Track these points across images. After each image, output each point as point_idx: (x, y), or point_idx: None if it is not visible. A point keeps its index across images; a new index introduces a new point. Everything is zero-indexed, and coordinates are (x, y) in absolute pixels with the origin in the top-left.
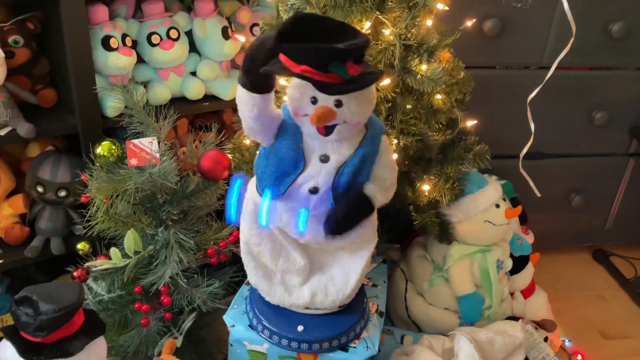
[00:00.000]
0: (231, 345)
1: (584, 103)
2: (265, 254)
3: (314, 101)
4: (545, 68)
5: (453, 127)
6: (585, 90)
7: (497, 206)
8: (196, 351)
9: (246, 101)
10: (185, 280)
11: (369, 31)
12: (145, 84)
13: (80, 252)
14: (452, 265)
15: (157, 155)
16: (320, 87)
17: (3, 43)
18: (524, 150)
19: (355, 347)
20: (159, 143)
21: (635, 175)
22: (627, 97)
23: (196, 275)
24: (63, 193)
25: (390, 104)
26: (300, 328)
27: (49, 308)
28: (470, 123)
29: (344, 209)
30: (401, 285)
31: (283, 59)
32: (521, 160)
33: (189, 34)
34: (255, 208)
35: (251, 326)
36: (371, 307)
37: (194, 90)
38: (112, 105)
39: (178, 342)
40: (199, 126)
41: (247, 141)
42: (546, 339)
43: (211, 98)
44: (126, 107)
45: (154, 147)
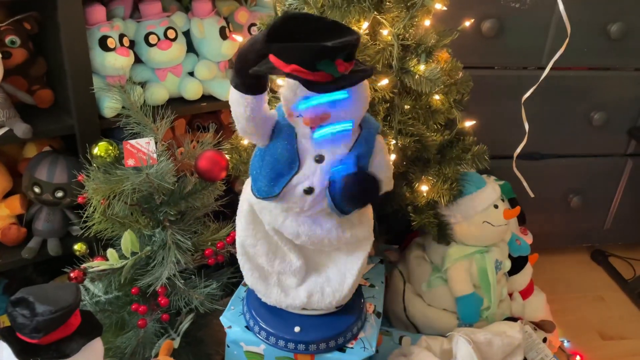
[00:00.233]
0: (228, 346)
1: (583, 103)
2: (261, 255)
3: None
4: (543, 69)
5: (451, 128)
6: (583, 90)
7: (496, 207)
8: (193, 352)
9: (239, 102)
10: (182, 281)
11: (367, 31)
12: (142, 84)
13: (77, 253)
14: (451, 266)
15: (155, 155)
16: (309, 86)
17: (0, 43)
18: (518, 150)
19: (352, 348)
20: (156, 143)
21: (633, 175)
22: (626, 98)
23: (194, 276)
24: (60, 194)
25: (388, 105)
26: (297, 329)
27: (46, 309)
28: (468, 123)
29: (362, 175)
30: (399, 286)
31: (272, 59)
32: (515, 160)
33: (187, 34)
34: (250, 209)
35: (248, 327)
36: (368, 308)
37: (192, 90)
38: (110, 105)
39: (175, 344)
40: (197, 126)
41: (245, 142)
42: (545, 340)
43: (209, 98)
44: (123, 108)
45: (151, 148)
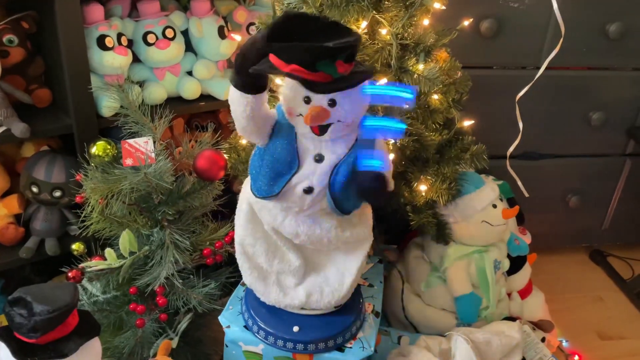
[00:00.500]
0: (226, 346)
1: (581, 103)
2: (260, 255)
3: (308, 101)
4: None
5: (450, 127)
6: (582, 90)
7: (494, 206)
8: (192, 352)
9: (239, 101)
10: (181, 281)
11: (366, 30)
12: (141, 84)
13: (75, 253)
14: (449, 265)
15: (153, 155)
16: (308, 86)
17: None
18: (511, 148)
19: (351, 348)
20: (155, 143)
21: (632, 175)
22: (624, 98)
23: (192, 275)
24: (58, 193)
25: None
26: (295, 328)
27: (43, 309)
28: (467, 123)
29: (375, 174)
30: (398, 286)
31: (272, 59)
32: (509, 159)
33: (185, 34)
34: (249, 208)
35: (246, 327)
36: (367, 308)
37: (190, 89)
38: (108, 105)
39: (174, 343)
40: (195, 126)
41: (244, 141)
42: (543, 340)
43: (207, 98)
44: (122, 107)
45: (150, 147)
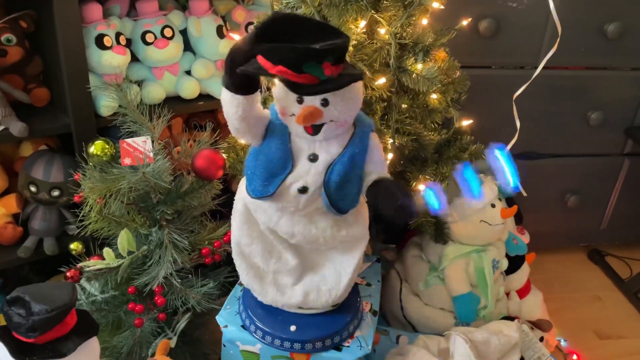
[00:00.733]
0: (224, 345)
1: (580, 103)
2: (256, 255)
3: (300, 101)
4: None
5: (448, 127)
6: (580, 90)
7: (493, 206)
8: (190, 352)
9: (230, 102)
10: (179, 280)
11: (364, 30)
12: (139, 83)
13: (73, 252)
14: (448, 265)
15: (151, 154)
16: (293, 88)
17: None
18: (508, 146)
19: (348, 347)
20: (153, 142)
21: (630, 175)
22: (623, 98)
23: (190, 275)
24: (56, 193)
25: (385, 103)
26: (293, 328)
27: (41, 308)
28: (465, 122)
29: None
30: (396, 285)
31: (260, 60)
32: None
33: (184, 33)
34: (245, 208)
35: (244, 326)
36: (365, 306)
37: (189, 89)
38: (106, 104)
39: (172, 343)
40: (194, 125)
41: (242, 140)
42: (542, 339)
43: (206, 97)
44: (120, 106)
45: (148, 147)
